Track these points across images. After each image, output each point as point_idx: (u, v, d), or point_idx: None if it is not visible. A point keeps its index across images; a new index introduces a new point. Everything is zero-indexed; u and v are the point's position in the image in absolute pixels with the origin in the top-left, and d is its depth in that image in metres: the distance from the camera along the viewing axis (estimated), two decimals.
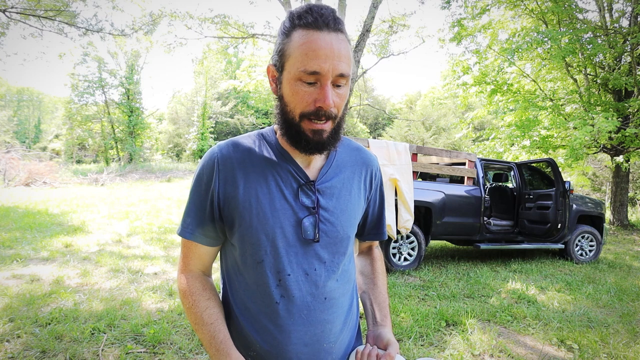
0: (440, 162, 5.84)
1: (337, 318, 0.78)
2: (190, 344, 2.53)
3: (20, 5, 8.95)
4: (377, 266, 0.95)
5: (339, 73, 0.65)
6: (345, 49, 0.67)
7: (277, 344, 0.74)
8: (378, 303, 0.88)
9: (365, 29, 9.85)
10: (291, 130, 0.70)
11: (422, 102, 32.66)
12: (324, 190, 0.76)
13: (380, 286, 0.91)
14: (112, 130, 27.72)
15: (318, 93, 0.66)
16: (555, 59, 8.10)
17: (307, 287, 0.74)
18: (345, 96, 0.70)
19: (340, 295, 0.79)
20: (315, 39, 0.64)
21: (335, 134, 0.72)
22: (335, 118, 0.70)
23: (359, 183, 0.83)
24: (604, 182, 15.77)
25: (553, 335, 2.92)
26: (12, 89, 45.38)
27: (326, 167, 0.78)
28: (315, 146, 0.70)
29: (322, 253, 0.75)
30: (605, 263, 5.64)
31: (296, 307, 0.73)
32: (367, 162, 0.86)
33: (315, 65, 0.64)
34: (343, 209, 0.78)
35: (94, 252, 4.79)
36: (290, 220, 0.73)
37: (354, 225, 0.81)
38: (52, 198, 10.05)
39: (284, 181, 0.74)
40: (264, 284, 0.73)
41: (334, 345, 0.78)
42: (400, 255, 4.73)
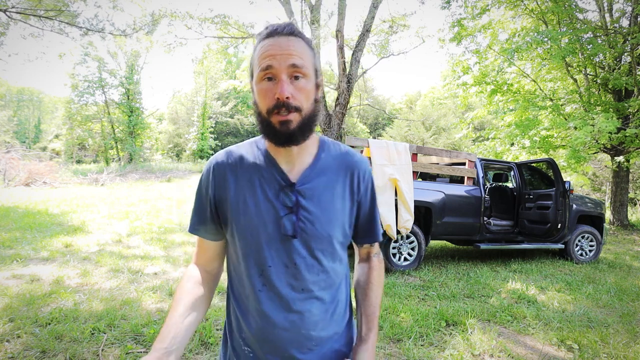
0: (440, 162, 5.85)
1: (315, 308, 0.84)
2: (190, 344, 2.52)
3: (20, 5, 8.95)
4: (373, 276, 0.98)
5: (290, 64, 0.74)
6: (298, 46, 0.76)
7: (261, 327, 0.83)
8: (366, 315, 0.93)
9: (365, 29, 9.84)
10: (264, 125, 0.79)
11: (422, 102, 32.68)
12: (304, 191, 0.83)
13: (372, 298, 0.95)
14: (112, 130, 27.72)
15: (275, 86, 0.75)
16: (555, 59, 8.09)
17: (286, 278, 0.82)
18: (305, 89, 0.77)
19: (320, 288, 0.85)
20: (267, 43, 0.77)
21: (304, 126, 0.78)
22: (299, 110, 0.76)
23: (344, 185, 0.88)
24: (604, 182, 15.77)
25: (553, 335, 2.92)
26: (12, 89, 45.38)
27: (308, 170, 0.85)
28: (284, 136, 0.77)
29: (300, 249, 0.82)
30: (605, 263, 5.64)
31: (276, 296, 0.82)
32: (354, 165, 0.90)
33: (267, 61, 0.75)
34: (323, 209, 0.84)
35: (94, 252, 4.79)
36: (271, 218, 0.81)
37: (336, 225, 0.85)
38: (52, 198, 10.05)
39: (268, 184, 0.83)
40: (250, 274, 0.83)
41: (312, 332, 0.84)
42: (400, 255, 4.73)
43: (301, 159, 0.85)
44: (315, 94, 0.81)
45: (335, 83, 11.92)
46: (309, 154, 0.87)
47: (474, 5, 10.04)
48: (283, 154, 0.84)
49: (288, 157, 0.84)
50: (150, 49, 18.25)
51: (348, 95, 9.79)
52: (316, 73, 0.82)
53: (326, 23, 10.54)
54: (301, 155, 0.85)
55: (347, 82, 9.69)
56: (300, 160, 0.85)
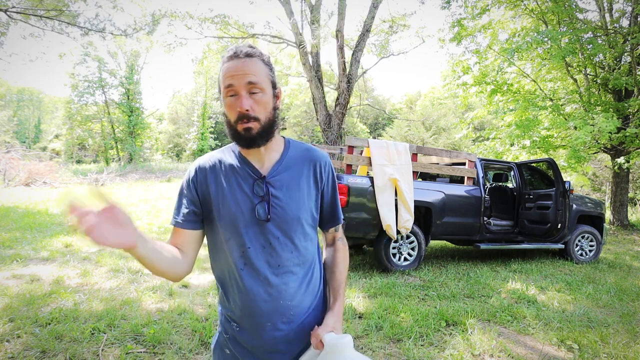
0: (440, 162, 5.84)
1: (291, 281, 0.97)
2: (190, 344, 2.53)
3: (20, 5, 8.94)
4: (338, 256, 1.11)
5: (247, 81, 0.90)
6: (254, 66, 0.92)
7: (245, 302, 0.96)
8: (333, 288, 1.06)
9: (365, 29, 9.85)
10: (231, 132, 0.95)
11: (422, 102, 32.68)
12: (274, 182, 0.98)
13: (337, 273, 1.08)
14: (112, 130, 27.71)
15: (236, 101, 0.90)
16: (555, 59, 8.09)
17: (264, 257, 0.95)
18: (262, 101, 0.92)
19: (294, 264, 0.98)
20: (228, 65, 0.92)
21: (263, 132, 0.94)
22: (258, 119, 0.92)
23: (309, 176, 1.03)
24: (604, 182, 15.77)
25: (553, 335, 2.92)
26: (12, 89, 45.37)
27: (276, 165, 1.00)
28: (247, 140, 0.93)
29: (274, 231, 0.96)
30: (605, 263, 5.64)
31: (255, 272, 0.95)
32: (315, 159, 1.05)
33: (228, 81, 0.91)
34: (291, 196, 0.98)
35: (94, 252, 4.79)
36: (247, 206, 0.96)
37: (304, 209, 1.00)
38: (52, 198, 10.05)
39: (243, 179, 0.98)
40: (232, 256, 0.96)
41: (291, 302, 0.97)
42: (400, 255, 4.72)
43: (269, 156, 1.01)
44: (273, 103, 0.96)
45: (335, 83, 11.92)
46: (276, 153, 1.02)
47: (474, 5, 10.03)
48: (253, 154, 1.00)
49: (258, 157, 1.00)
50: (150, 49, 18.26)
51: (348, 95, 9.79)
52: (274, 85, 0.97)
53: (326, 23, 10.52)
54: (269, 153, 1.01)
55: (347, 82, 9.69)
56: (269, 158, 1.01)
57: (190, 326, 2.79)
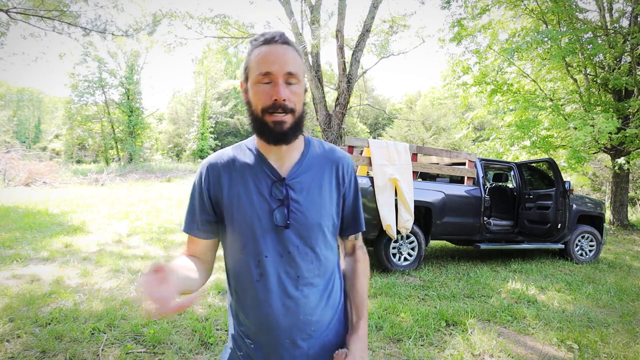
0: (440, 162, 5.84)
1: (311, 294, 0.89)
2: (190, 344, 2.53)
3: (21, 5, 8.94)
4: (358, 267, 1.02)
5: (287, 71, 0.82)
6: (292, 55, 0.84)
7: (260, 316, 0.87)
8: (355, 304, 0.97)
9: (365, 29, 9.84)
10: (257, 124, 0.85)
11: (422, 102, 32.67)
12: (294, 185, 0.89)
13: (359, 287, 0.99)
14: (112, 130, 27.71)
15: (272, 89, 0.81)
16: (555, 59, 8.09)
17: (281, 267, 0.87)
18: (298, 93, 0.85)
19: (314, 275, 0.89)
20: (265, 50, 0.83)
21: (295, 126, 0.85)
22: (293, 112, 0.83)
23: (330, 179, 0.94)
24: (604, 182, 15.77)
25: (553, 335, 2.92)
26: (12, 89, 45.37)
27: (297, 166, 0.91)
28: (277, 136, 0.84)
29: (293, 238, 0.87)
30: (605, 263, 5.64)
31: (272, 284, 0.86)
32: (337, 160, 0.97)
33: (266, 67, 0.81)
34: (312, 201, 0.90)
35: (94, 252, 4.79)
36: (265, 211, 0.87)
37: (325, 214, 0.91)
38: (52, 198, 10.05)
39: (260, 180, 0.89)
40: (247, 266, 0.87)
41: (311, 317, 0.88)
42: (400, 255, 4.72)
43: (290, 156, 0.91)
44: (303, 98, 0.88)
45: (335, 83, 11.92)
46: (297, 152, 0.93)
47: (474, 5, 10.03)
48: (273, 152, 0.90)
49: (278, 155, 0.90)
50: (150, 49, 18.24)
51: (348, 95, 9.79)
52: (304, 79, 0.89)
53: (326, 23, 10.52)
54: (289, 152, 0.91)
55: (347, 82, 9.69)
56: (289, 157, 0.91)
57: (190, 326, 2.79)
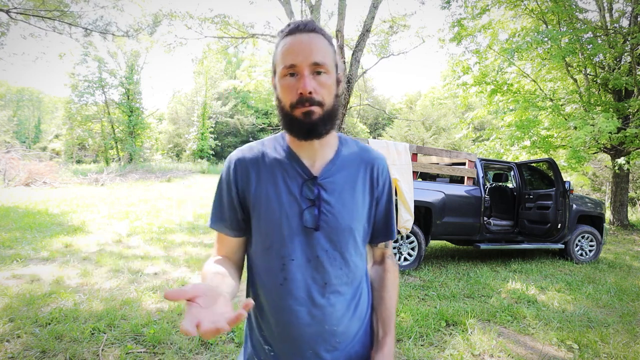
0: (440, 162, 5.84)
1: (338, 303, 0.83)
2: (190, 344, 2.53)
3: (21, 5, 8.94)
4: (388, 278, 0.96)
5: (312, 62, 0.76)
6: (319, 43, 0.78)
7: (283, 324, 0.82)
8: (382, 319, 0.91)
9: (365, 29, 9.83)
10: (286, 119, 0.80)
11: (422, 102, 32.66)
12: (326, 185, 0.84)
13: (387, 300, 0.93)
14: (112, 130, 27.69)
15: (298, 82, 0.77)
16: (555, 59, 8.09)
17: (308, 272, 0.81)
18: (327, 83, 0.79)
19: (342, 283, 0.84)
20: (290, 40, 0.78)
21: (326, 119, 0.79)
22: (321, 104, 0.78)
23: (364, 180, 0.89)
24: (604, 182, 15.76)
25: (553, 335, 2.92)
26: (12, 89, 45.37)
27: (330, 165, 0.86)
28: (306, 128, 0.78)
29: (323, 242, 0.82)
30: (605, 263, 5.64)
31: (298, 290, 0.81)
32: (373, 161, 0.92)
33: (290, 59, 0.76)
34: (345, 203, 0.84)
35: (94, 252, 4.79)
36: (294, 211, 0.81)
37: (357, 218, 0.86)
38: (52, 198, 10.04)
39: (290, 178, 0.84)
40: (271, 268, 0.82)
41: (337, 328, 0.83)
42: (400, 255, 4.72)
43: (322, 153, 0.86)
44: (336, 89, 0.82)
45: None
46: (330, 149, 0.88)
47: (474, 5, 10.03)
48: (305, 149, 0.85)
49: (310, 152, 0.85)
50: (150, 49, 18.25)
51: (348, 95, 9.78)
52: (336, 69, 0.82)
53: (326, 23, 10.54)
54: (322, 150, 0.86)
55: (347, 82, 9.69)
56: (322, 155, 0.86)
57: None
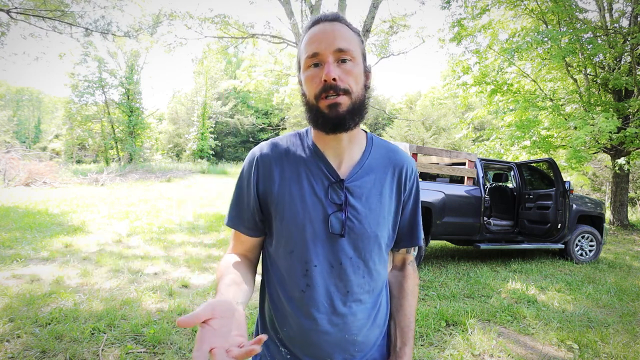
0: (440, 162, 5.84)
1: (359, 312, 0.81)
2: (190, 344, 2.52)
3: (22, 5, 8.94)
4: (408, 285, 0.93)
5: (336, 48, 0.72)
6: (343, 31, 0.75)
7: (303, 330, 0.79)
8: (401, 328, 0.89)
9: (365, 29, 9.84)
10: (312, 112, 0.76)
11: (422, 102, 32.66)
12: (353, 189, 0.80)
13: (407, 308, 0.90)
14: (112, 130, 27.70)
15: (321, 70, 0.73)
16: (555, 59, 8.09)
17: (331, 279, 0.78)
18: (353, 71, 0.74)
19: (364, 291, 0.81)
20: (312, 31, 0.76)
21: (355, 110, 0.75)
22: (348, 93, 0.73)
23: (391, 184, 0.85)
24: (604, 182, 15.77)
25: (553, 335, 2.92)
26: (12, 88, 45.38)
27: (357, 167, 0.81)
28: (333, 121, 0.73)
29: (347, 248, 0.79)
30: (605, 263, 5.64)
31: (320, 297, 0.78)
32: (402, 163, 0.88)
33: (313, 48, 0.73)
34: (371, 208, 0.81)
35: (94, 252, 4.79)
36: (319, 215, 0.78)
37: (383, 225, 0.83)
38: (52, 198, 10.04)
39: (315, 178, 0.79)
40: (293, 273, 0.79)
41: (356, 337, 0.81)
42: None
43: (350, 153, 0.81)
44: (364, 80, 0.78)
45: None
46: (358, 148, 0.83)
47: (474, 5, 10.03)
48: (331, 147, 0.80)
49: (337, 150, 0.80)
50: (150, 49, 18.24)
51: None
52: (364, 59, 0.79)
53: None
54: (350, 148, 0.81)
55: None
56: (349, 155, 0.82)
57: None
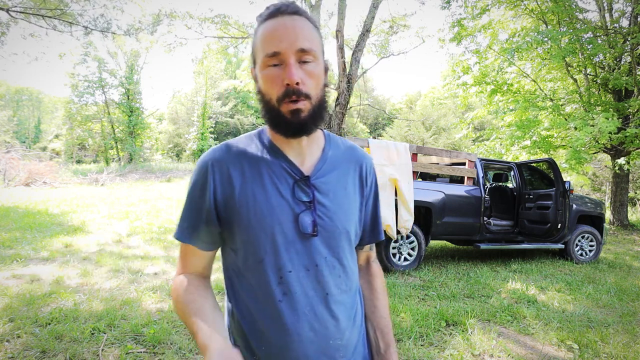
0: (440, 162, 5.84)
1: (340, 313, 0.77)
2: (190, 344, 2.53)
3: (22, 4, 8.94)
4: (378, 284, 0.91)
5: (298, 48, 0.67)
6: (304, 27, 0.69)
7: (283, 344, 0.72)
8: (380, 329, 0.86)
9: (365, 29, 9.84)
10: (271, 115, 0.71)
11: (422, 102, 32.67)
12: (319, 185, 0.76)
13: (382, 309, 0.88)
14: (112, 130, 27.72)
15: (283, 72, 0.68)
16: (555, 59, 8.09)
17: (308, 283, 0.74)
18: (315, 73, 0.70)
19: (342, 291, 0.78)
20: (271, 25, 0.69)
21: (316, 114, 0.71)
22: (309, 97, 0.70)
23: (354, 180, 0.83)
24: (604, 182, 15.77)
25: (553, 335, 2.92)
26: (11, 88, 45.37)
27: (320, 163, 0.78)
28: (296, 127, 0.70)
29: (321, 248, 0.75)
30: (605, 263, 5.64)
31: (299, 304, 0.72)
32: (361, 159, 0.86)
33: (273, 47, 0.67)
34: (339, 204, 0.78)
35: (94, 252, 4.79)
36: (287, 216, 0.73)
37: (352, 220, 0.80)
38: (52, 198, 10.04)
39: (279, 178, 0.74)
40: (266, 284, 0.73)
41: (340, 341, 0.77)
42: (400, 255, 4.72)
43: (310, 151, 0.78)
44: (324, 79, 0.74)
45: (335, 83, 11.92)
46: (317, 147, 0.80)
47: (474, 5, 10.03)
48: (292, 146, 0.76)
49: (297, 150, 0.77)
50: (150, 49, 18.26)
51: (348, 95, 9.78)
52: (323, 54, 0.75)
53: (326, 23, 10.54)
54: (310, 147, 0.78)
55: (347, 82, 9.69)
56: (310, 153, 0.78)
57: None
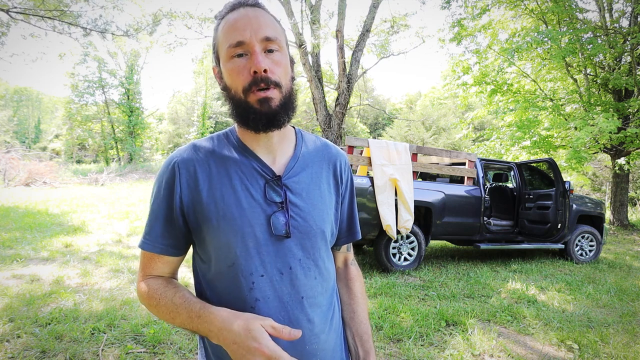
0: (440, 162, 5.84)
1: (317, 317, 0.74)
2: (190, 344, 2.53)
3: (21, 5, 8.94)
4: (357, 288, 0.89)
5: (263, 37, 0.66)
6: (266, 17, 0.69)
7: None
8: (359, 335, 0.84)
9: (365, 29, 9.85)
10: (240, 109, 0.69)
11: (422, 102, 32.68)
12: (292, 185, 0.73)
13: (360, 314, 0.86)
14: (112, 130, 27.72)
15: (249, 61, 0.66)
16: (555, 59, 8.09)
17: (282, 287, 0.70)
18: (282, 62, 0.69)
19: (318, 293, 0.75)
20: (232, 17, 0.68)
21: (286, 104, 0.69)
22: (279, 86, 0.68)
23: (328, 178, 0.81)
24: (604, 182, 15.77)
25: (553, 335, 2.92)
26: (11, 89, 45.37)
27: (292, 162, 0.76)
28: (266, 117, 0.67)
29: (295, 250, 0.72)
30: (605, 263, 5.64)
31: (273, 310, 0.69)
32: (335, 157, 0.84)
33: (237, 36, 0.66)
34: (314, 204, 0.75)
35: (94, 252, 4.79)
36: (259, 218, 0.70)
37: (327, 220, 0.77)
38: (52, 198, 10.04)
39: (249, 179, 0.71)
40: (237, 290, 0.69)
41: (317, 346, 0.73)
42: (400, 255, 4.72)
43: (282, 149, 0.76)
44: (291, 71, 0.72)
45: (335, 83, 11.92)
46: (289, 144, 0.78)
47: (474, 5, 10.03)
48: (262, 144, 0.73)
49: (268, 148, 0.74)
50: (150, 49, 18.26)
51: (348, 95, 9.79)
52: (287, 48, 0.73)
53: (326, 23, 10.52)
54: (281, 145, 0.76)
55: (347, 82, 9.70)
56: (281, 151, 0.76)
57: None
